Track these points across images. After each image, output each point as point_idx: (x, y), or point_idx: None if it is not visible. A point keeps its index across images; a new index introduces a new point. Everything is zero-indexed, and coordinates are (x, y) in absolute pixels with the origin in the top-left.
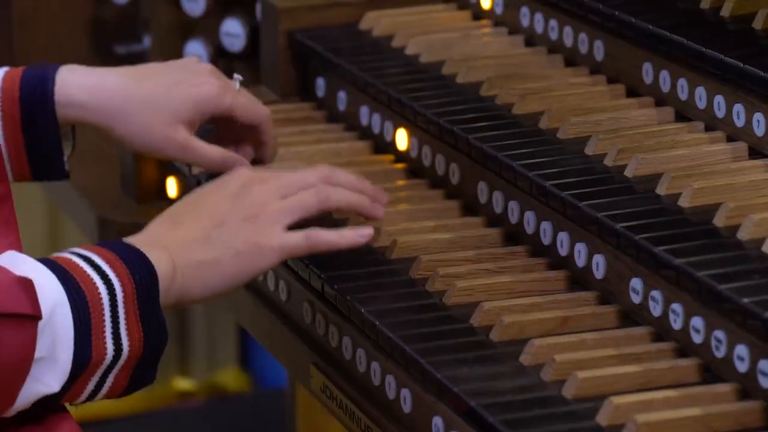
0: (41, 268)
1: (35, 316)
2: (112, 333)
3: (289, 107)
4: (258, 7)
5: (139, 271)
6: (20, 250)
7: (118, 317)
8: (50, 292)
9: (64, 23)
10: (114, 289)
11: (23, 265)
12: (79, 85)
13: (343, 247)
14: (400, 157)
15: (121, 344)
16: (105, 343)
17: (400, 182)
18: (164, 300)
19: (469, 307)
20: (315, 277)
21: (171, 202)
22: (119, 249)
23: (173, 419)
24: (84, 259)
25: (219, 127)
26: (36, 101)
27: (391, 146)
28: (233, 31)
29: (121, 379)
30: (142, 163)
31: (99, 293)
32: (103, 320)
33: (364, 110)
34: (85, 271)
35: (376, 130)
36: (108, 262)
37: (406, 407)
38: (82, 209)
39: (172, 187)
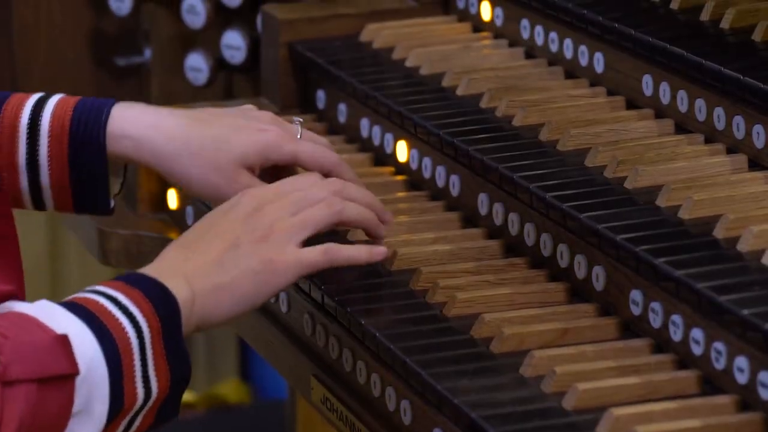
0: (74, 319)
1: (73, 375)
2: (143, 377)
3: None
4: (258, 19)
5: (163, 306)
6: (22, 286)
7: (146, 359)
8: (85, 345)
9: (64, 35)
10: (142, 331)
11: (56, 317)
12: (134, 119)
13: (362, 262)
14: (401, 169)
15: (151, 386)
16: (136, 388)
17: (401, 194)
18: (185, 328)
19: (470, 319)
20: (315, 288)
21: (171, 213)
22: (141, 284)
23: (173, 430)
24: (110, 300)
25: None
26: (87, 129)
27: (391, 158)
28: (234, 43)
29: (148, 418)
30: (143, 174)
31: (129, 338)
32: (134, 366)
33: (364, 122)
34: (114, 316)
35: (376, 142)
36: (134, 301)
37: (407, 419)
38: (83, 221)
39: (172, 198)
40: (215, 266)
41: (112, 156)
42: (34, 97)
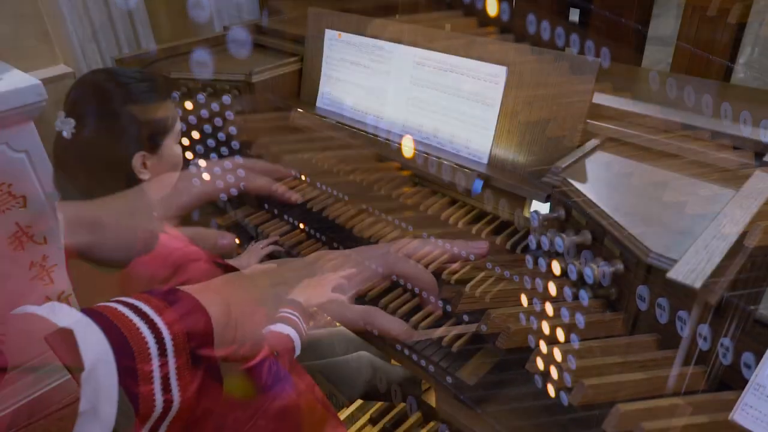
0: (82, 318)
1: (77, 369)
2: (162, 384)
3: (295, 115)
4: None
5: (192, 318)
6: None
7: (168, 367)
8: (93, 343)
9: None
10: (163, 338)
11: (65, 316)
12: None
13: (396, 335)
14: (406, 164)
15: (172, 395)
16: (153, 393)
17: (407, 190)
18: (221, 339)
19: (478, 314)
20: None
21: None
22: (170, 296)
23: None
24: (130, 307)
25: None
26: None
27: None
28: None
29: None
30: None
31: (146, 342)
32: (151, 371)
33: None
34: (131, 320)
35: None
36: (156, 309)
37: None
38: None
39: None
40: (251, 284)
41: None
42: None
